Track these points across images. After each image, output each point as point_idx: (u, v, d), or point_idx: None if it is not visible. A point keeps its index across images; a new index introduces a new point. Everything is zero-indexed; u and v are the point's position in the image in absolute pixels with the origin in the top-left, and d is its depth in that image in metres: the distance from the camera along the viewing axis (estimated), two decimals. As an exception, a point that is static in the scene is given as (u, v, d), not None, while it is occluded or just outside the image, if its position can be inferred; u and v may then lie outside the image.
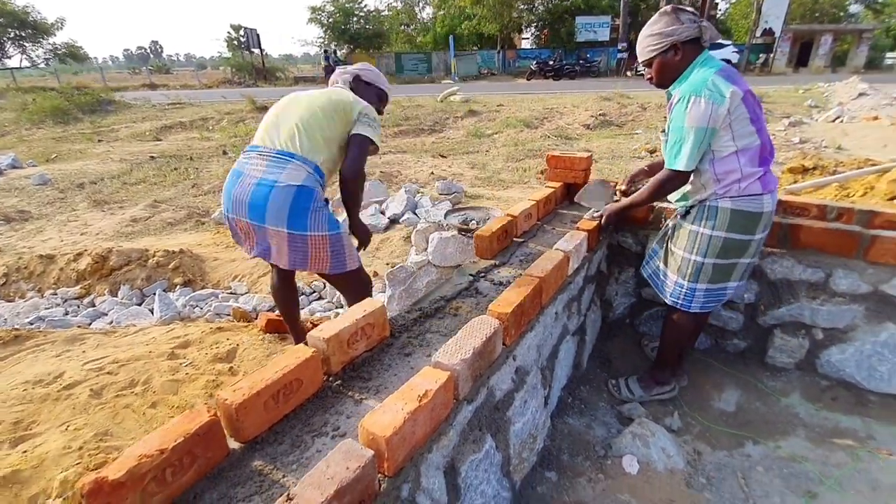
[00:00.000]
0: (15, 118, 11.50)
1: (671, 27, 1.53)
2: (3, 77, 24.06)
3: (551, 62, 23.01)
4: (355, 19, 29.15)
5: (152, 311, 3.07)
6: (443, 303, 1.47)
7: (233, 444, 0.90)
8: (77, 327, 2.81)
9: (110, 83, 23.37)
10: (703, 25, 1.55)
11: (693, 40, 1.55)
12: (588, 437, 1.74)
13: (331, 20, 28.68)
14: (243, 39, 25.85)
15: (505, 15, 26.30)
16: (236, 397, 0.88)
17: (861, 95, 10.56)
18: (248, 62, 25.97)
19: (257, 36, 24.73)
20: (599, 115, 9.77)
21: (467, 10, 26.70)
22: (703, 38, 1.56)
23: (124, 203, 5.43)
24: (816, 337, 1.98)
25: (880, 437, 1.75)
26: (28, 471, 1.49)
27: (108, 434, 1.69)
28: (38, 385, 1.98)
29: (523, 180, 5.79)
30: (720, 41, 2.11)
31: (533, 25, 29.74)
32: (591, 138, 8.25)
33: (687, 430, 1.83)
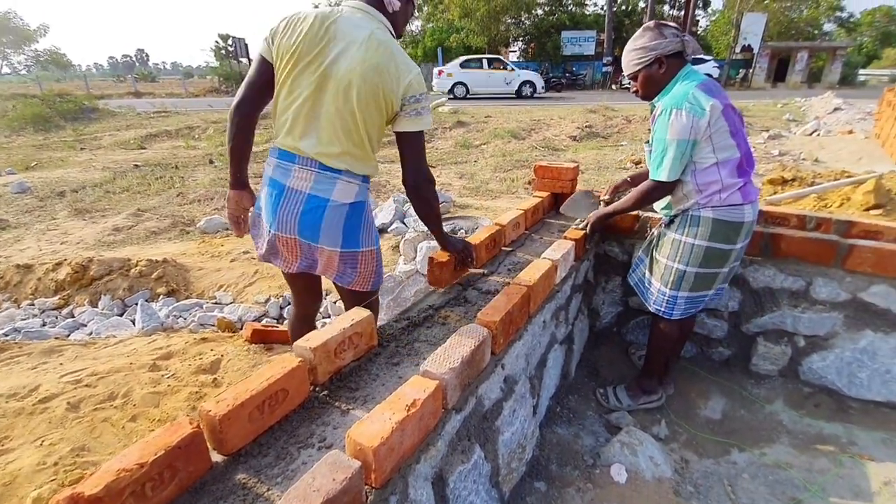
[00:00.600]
0: (-6, 125, 11.28)
1: (655, 41, 1.57)
2: (-17, 83, 23.66)
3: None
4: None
5: (134, 322, 3.00)
6: (431, 311, 1.47)
7: (216, 457, 0.88)
8: (55, 339, 2.73)
9: (94, 91, 23.06)
10: (685, 40, 1.59)
11: (676, 54, 1.59)
12: (576, 447, 1.74)
13: (320, 32, 28.77)
14: (231, 49, 25.80)
15: (493, 29, 26.73)
16: (220, 409, 0.86)
17: (836, 110, 10.90)
18: (235, 71, 25.86)
19: (245, 45, 24.69)
20: (586, 126, 9.93)
21: (456, 24, 27.05)
22: (686, 51, 1.61)
23: (107, 212, 5.32)
24: (798, 344, 2.02)
25: (861, 442, 1.78)
26: (-1, 488, 1.43)
27: (86, 449, 1.64)
28: (11, 399, 1.91)
29: (511, 190, 5.84)
30: (702, 56, 2.17)
31: (520, 39, 30.27)
32: (578, 149, 8.36)
33: (674, 438, 1.84)
